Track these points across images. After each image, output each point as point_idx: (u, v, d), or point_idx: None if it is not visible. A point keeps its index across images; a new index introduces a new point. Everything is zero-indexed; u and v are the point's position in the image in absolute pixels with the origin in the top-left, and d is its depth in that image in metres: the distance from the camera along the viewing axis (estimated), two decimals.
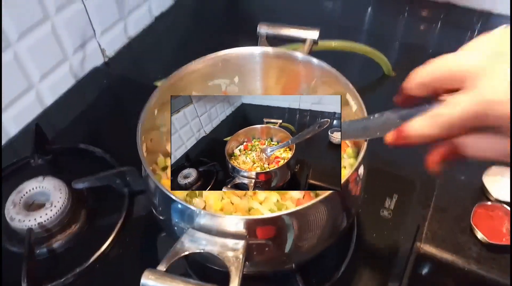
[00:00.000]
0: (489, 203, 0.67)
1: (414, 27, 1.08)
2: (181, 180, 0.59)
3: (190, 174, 0.59)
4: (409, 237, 0.65)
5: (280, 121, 0.66)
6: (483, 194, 0.69)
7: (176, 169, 0.60)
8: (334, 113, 0.62)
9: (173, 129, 0.61)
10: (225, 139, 0.64)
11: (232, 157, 0.63)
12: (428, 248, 0.65)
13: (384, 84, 0.94)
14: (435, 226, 0.67)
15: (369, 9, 1.12)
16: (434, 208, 0.69)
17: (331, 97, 0.61)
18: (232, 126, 0.66)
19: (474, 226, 0.65)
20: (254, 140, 0.65)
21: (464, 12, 1.07)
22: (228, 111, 0.69)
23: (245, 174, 0.58)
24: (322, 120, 0.61)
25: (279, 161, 0.60)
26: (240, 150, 0.64)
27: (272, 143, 0.64)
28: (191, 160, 0.63)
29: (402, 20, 1.10)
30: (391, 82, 0.93)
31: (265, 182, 0.57)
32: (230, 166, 0.60)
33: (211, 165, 0.62)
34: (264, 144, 0.64)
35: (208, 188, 0.59)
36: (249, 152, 0.64)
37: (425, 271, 0.65)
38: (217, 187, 0.59)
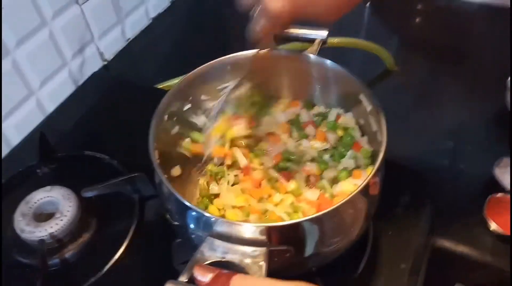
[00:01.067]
0: (501, 194, 0.67)
1: (413, 20, 1.08)
2: (24, 229, 0.60)
3: (49, 206, 0.62)
4: (423, 232, 0.65)
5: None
6: (495, 186, 0.69)
7: (10, 185, 0.60)
8: None
9: None
10: (159, 87, 0.68)
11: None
12: (443, 242, 0.65)
13: (387, 78, 0.94)
14: (448, 220, 0.67)
15: (368, 4, 1.11)
16: (446, 202, 0.69)
17: None
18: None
19: (487, 218, 0.65)
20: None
21: (464, 6, 1.07)
22: None
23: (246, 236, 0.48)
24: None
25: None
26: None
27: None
28: (56, 157, 0.62)
29: (401, 14, 1.10)
30: (394, 76, 0.93)
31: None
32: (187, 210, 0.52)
33: (123, 179, 0.63)
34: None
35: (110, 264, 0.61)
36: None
37: (441, 265, 0.66)
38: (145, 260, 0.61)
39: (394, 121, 0.77)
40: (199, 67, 0.62)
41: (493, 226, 0.64)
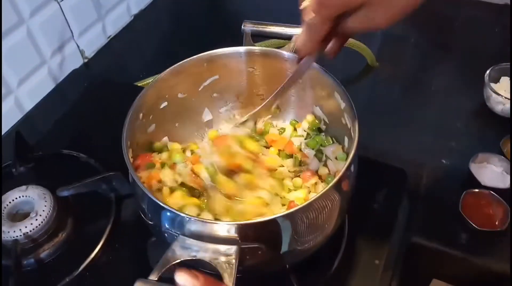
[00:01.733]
0: (477, 190, 0.68)
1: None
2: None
3: (25, 205, 0.62)
4: (399, 228, 0.65)
5: None
6: (470, 181, 0.69)
7: None
8: None
9: None
10: (138, 85, 0.66)
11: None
12: (419, 239, 0.66)
13: (368, 75, 0.94)
14: (425, 216, 0.68)
15: None
16: (423, 198, 0.70)
17: None
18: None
19: (463, 214, 0.65)
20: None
21: (447, 2, 1.07)
22: None
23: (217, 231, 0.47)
24: None
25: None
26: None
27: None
28: (33, 156, 0.63)
29: None
30: (375, 73, 0.93)
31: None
32: (151, 203, 0.52)
33: (99, 178, 0.63)
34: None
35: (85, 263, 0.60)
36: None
37: (417, 261, 0.66)
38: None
39: (374, 117, 0.78)
40: (175, 65, 0.61)
41: (469, 222, 0.65)
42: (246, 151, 0.59)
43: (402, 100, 0.89)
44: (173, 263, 0.45)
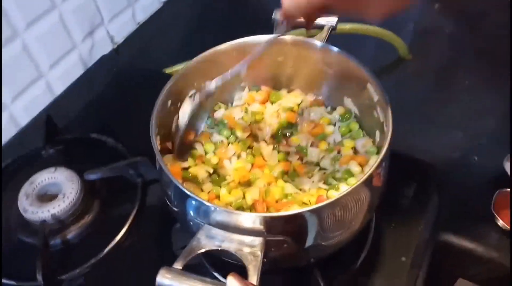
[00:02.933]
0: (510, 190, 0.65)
1: (428, 9, 1.05)
2: (28, 209, 0.62)
3: (53, 187, 0.63)
4: (428, 225, 0.64)
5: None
6: (505, 180, 0.67)
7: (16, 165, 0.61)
8: None
9: None
10: (167, 72, 0.67)
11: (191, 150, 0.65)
12: (447, 236, 0.64)
13: (400, 67, 0.91)
14: (454, 214, 0.66)
15: None
16: (453, 195, 0.68)
17: None
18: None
19: (495, 214, 0.63)
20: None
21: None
22: None
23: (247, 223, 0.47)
24: None
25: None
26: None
27: None
28: (62, 139, 0.64)
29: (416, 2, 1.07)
30: (406, 65, 0.91)
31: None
32: (180, 192, 0.53)
33: (126, 163, 0.63)
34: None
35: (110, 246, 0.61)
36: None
37: (444, 259, 0.64)
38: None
39: (404, 111, 0.75)
40: (204, 53, 0.61)
41: (500, 221, 0.63)
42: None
43: (432, 94, 0.87)
44: (198, 252, 0.45)
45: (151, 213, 0.68)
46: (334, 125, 0.65)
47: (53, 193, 0.67)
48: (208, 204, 0.47)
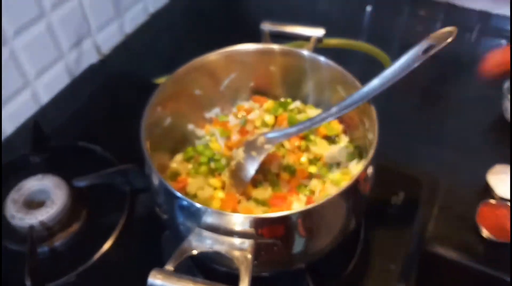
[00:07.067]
0: (494, 201, 0.67)
1: (414, 26, 1.08)
2: (15, 216, 0.61)
3: (41, 194, 0.63)
4: (415, 235, 0.65)
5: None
6: (487, 192, 0.69)
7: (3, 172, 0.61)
8: None
9: None
10: (155, 82, 0.67)
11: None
12: (434, 247, 0.65)
13: None
14: (440, 225, 0.67)
15: (368, 7, 1.11)
16: (439, 206, 0.69)
17: None
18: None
19: (479, 224, 0.65)
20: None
21: (463, 12, 1.07)
22: None
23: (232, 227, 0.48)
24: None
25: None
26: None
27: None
28: (50, 146, 0.64)
29: (402, 19, 1.10)
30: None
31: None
32: (169, 193, 0.53)
33: (115, 170, 0.64)
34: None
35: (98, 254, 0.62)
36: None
37: (432, 269, 0.66)
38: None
39: (390, 123, 0.77)
40: (193, 60, 0.62)
41: (485, 232, 0.65)
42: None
43: (418, 109, 0.89)
44: (189, 254, 0.46)
45: (140, 221, 0.68)
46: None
47: (40, 200, 0.67)
48: (198, 206, 0.48)
